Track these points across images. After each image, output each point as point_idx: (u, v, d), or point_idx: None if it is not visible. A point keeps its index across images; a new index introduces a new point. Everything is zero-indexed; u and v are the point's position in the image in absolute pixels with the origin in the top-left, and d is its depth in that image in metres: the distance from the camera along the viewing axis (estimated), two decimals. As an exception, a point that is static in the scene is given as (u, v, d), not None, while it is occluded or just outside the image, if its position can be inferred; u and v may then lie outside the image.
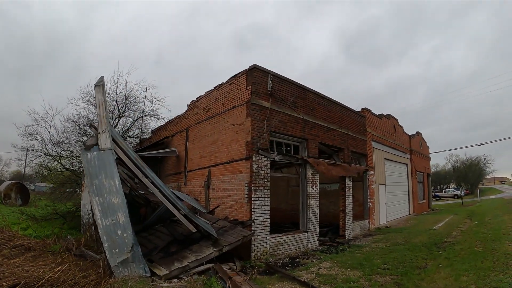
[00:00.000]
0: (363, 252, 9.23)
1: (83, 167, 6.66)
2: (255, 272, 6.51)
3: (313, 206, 10.35)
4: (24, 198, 24.85)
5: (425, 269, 6.98)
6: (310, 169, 10.43)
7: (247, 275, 5.93)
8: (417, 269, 6.99)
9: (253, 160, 8.40)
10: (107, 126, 6.39)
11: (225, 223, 8.25)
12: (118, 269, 5.66)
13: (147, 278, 5.64)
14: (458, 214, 20.13)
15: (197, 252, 6.78)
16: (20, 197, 24.71)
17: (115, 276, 5.57)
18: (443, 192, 49.72)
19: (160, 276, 5.78)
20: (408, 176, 21.39)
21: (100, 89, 6.44)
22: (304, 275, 6.50)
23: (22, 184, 25.86)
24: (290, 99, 9.91)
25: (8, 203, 23.56)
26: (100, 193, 6.00)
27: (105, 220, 5.88)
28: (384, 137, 17.49)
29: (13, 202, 23.97)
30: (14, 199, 24.36)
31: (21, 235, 9.67)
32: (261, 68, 9.03)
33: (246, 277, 5.76)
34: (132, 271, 5.71)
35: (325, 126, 11.56)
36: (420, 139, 25.33)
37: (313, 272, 6.80)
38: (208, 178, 10.48)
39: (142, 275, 5.70)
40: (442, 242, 10.35)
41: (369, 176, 15.01)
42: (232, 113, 9.52)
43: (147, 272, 5.86)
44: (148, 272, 5.86)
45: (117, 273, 5.62)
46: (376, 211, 15.59)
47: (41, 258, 7.18)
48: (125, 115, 19.36)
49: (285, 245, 9.15)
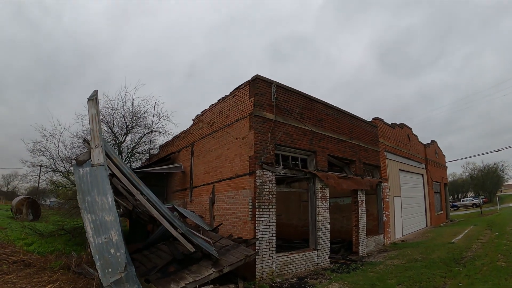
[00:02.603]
0: (377, 270, 8.60)
1: (75, 183, 6.48)
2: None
3: (323, 222, 9.78)
4: (36, 213, 24.98)
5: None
6: (319, 183, 9.91)
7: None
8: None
9: (257, 175, 7.97)
10: (100, 141, 6.25)
11: (228, 241, 7.80)
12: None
13: None
14: (477, 224, 19.00)
15: (195, 273, 6.35)
16: (32, 212, 24.85)
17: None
18: (461, 201, 48.08)
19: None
20: (425, 187, 20.46)
21: (93, 103, 6.28)
22: (311, 302, 5.96)
23: (33, 199, 26.06)
24: (296, 110, 9.50)
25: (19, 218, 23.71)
26: (92, 210, 5.81)
27: (98, 238, 5.65)
28: (398, 147, 16.79)
29: (24, 217, 24.11)
30: (26, 214, 24.51)
31: (24, 250, 9.57)
32: (264, 78, 8.68)
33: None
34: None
35: (335, 137, 11.06)
36: (436, 147, 24.37)
37: (321, 297, 6.24)
38: (212, 194, 10.08)
39: (136, 297, 5.43)
40: (461, 257, 9.59)
41: (383, 189, 14.32)
42: (235, 126, 9.17)
43: None
44: None
45: None
46: (391, 225, 14.82)
47: (38, 275, 7.09)
48: (133, 131, 19.36)
49: (293, 264, 8.60)
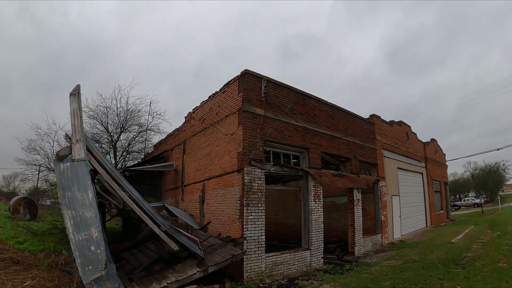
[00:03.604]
0: (372, 272, 8.31)
1: (56, 179, 6.35)
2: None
3: (316, 221, 9.51)
4: (33, 213, 24.89)
5: (441, 294, 6.03)
6: (312, 181, 9.64)
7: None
8: (431, 294, 6.03)
9: (245, 172, 7.71)
10: (81, 136, 6.09)
11: (215, 240, 7.56)
12: (92, 287, 5.19)
13: None
14: (478, 224, 18.65)
15: (179, 272, 6.13)
16: (29, 212, 24.74)
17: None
18: (462, 201, 47.64)
19: (135, 298, 5.28)
20: (424, 186, 20.13)
21: (75, 98, 6.17)
22: (297, 304, 5.70)
23: (30, 199, 25.99)
24: (287, 105, 9.24)
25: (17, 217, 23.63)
26: (72, 206, 5.65)
27: (78, 235, 5.49)
28: (396, 145, 16.48)
29: (21, 217, 24.00)
30: (23, 214, 24.39)
31: (14, 248, 9.53)
32: (253, 73, 8.43)
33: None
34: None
35: (328, 134, 10.79)
36: (436, 146, 24.02)
37: (309, 299, 5.98)
38: (202, 193, 9.85)
39: (117, 295, 5.28)
40: (461, 257, 9.27)
41: (381, 187, 14.03)
42: (225, 123, 8.93)
43: None
44: None
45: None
46: (389, 224, 14.52)
47: (24, 272, 6.98)
48: (128, 130, 19.21)
49: (284, 265, 8.33)
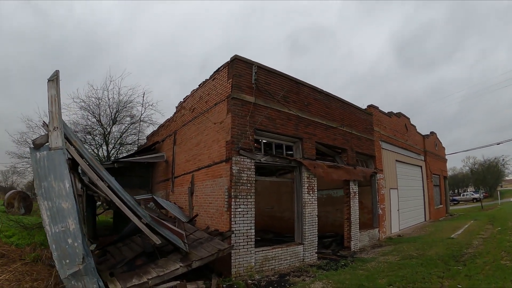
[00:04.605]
0: (367, 268, 7.92)
1: (32, 168, 6.05)
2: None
3: (310, 214, 9.15)
4: (27, 207, 24.64)
5: (440, 292, 5.64)
6: (306, 172, 9.26)
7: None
8: (430, 293, 5.61)
9: (233, 162, 7.31)
10: (59, 124, 5.75)
11: (202, 234, 7.19)
12: (69, 282, 4.95)
13: None
14: (478, 219, 18.29)
15: (162, 267, 5.77)
16: (23, 206, 24.47)
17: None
18: (461, 196, 47.40)
19: (113, 293, 4.97)
20: (423, 179, 19.75)
21: (53, 83, 5.86)
22: (284, 301, 5.33)
23: (25, 193, 25.72)
24: (279, 93, 8.82)
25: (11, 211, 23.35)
26: (49, 196, 5.34)
27: (54, 226, 5.20)
28: (395, 137, 16.08)
29: (16, 211, 23.68)
30: (17, 208, 24.08)
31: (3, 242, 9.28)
32: (243, 58, 8.00)
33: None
34: (86, 285, 5.00)
35: (323, 123, 10.37)
36: (435, 139, 23.60)
37: (298, 296, 5.60)
38: (191, 184, 9.48)
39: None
40: (461, 253, 8.88)
41: (378, 180, 13.65)
42: (214, 111, 8.52)
43: (101, 287, 5.11)
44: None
45: (69, 286, 4.92)
46: (387, 218, 14.17)
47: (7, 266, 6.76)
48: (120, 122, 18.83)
49: (275, 260, 7.98)
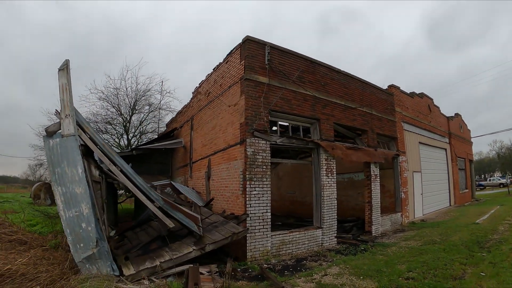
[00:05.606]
0: (387, 253, 7.58)
1: (46, 155, 6.16)
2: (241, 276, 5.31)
3: (329, 197, 8.88)
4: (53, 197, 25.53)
5: (462, 280, 5.20)
6: (324, 154, 8.96)
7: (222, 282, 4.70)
8: (451, 280, 5.20)
9: (248, 144, 7.12)
10: (70, 111, 5.86)
11: (218, 218, 7.10)
12: (84, 265, 5.16)
13: (113, 278, 4.99)
14: (504, 204, 17.43)
15: (175, 251, 5.77)
16: (49, 197, 25.37)
17: (81, 273, 5.04)
18: (487, 181, 45.56)
19: (127, 276, 5.08)
20: (448, 163, 18.93)
21: (64, 73, 5.94)
22: (300, 284, 5.13)
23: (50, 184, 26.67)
24: (294, 73, 8.48)
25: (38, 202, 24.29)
26: (62, 182, 5.49)
27: (68, 211, 5.38)
28: (418, 118, 15.38)
29: (42, 202, 24.62)
30: (44, 199, 25.02)
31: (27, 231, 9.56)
32: (255, 39, 7.71)
33: (218, 284, 4.56)
34: (100, 268, 5.18)
35: (342, 104, 9.97)
36: (460, 121, 22.50)
37: (314, 280, 5.38)
38: (208, 168, 9.41)
39: (109, 274, 5.11)
40: (486, 240, 8.39)
41: (401, 163, 13.13)
42: (228, 94, 8.33)
43: (115, 270, 5.26)
44: (116, 271, 5.26)
45: (83, 269, 5.12)
46: (410, 202, 13.68)
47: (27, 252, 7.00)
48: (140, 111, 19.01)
49: (292, 244, 7.81)
